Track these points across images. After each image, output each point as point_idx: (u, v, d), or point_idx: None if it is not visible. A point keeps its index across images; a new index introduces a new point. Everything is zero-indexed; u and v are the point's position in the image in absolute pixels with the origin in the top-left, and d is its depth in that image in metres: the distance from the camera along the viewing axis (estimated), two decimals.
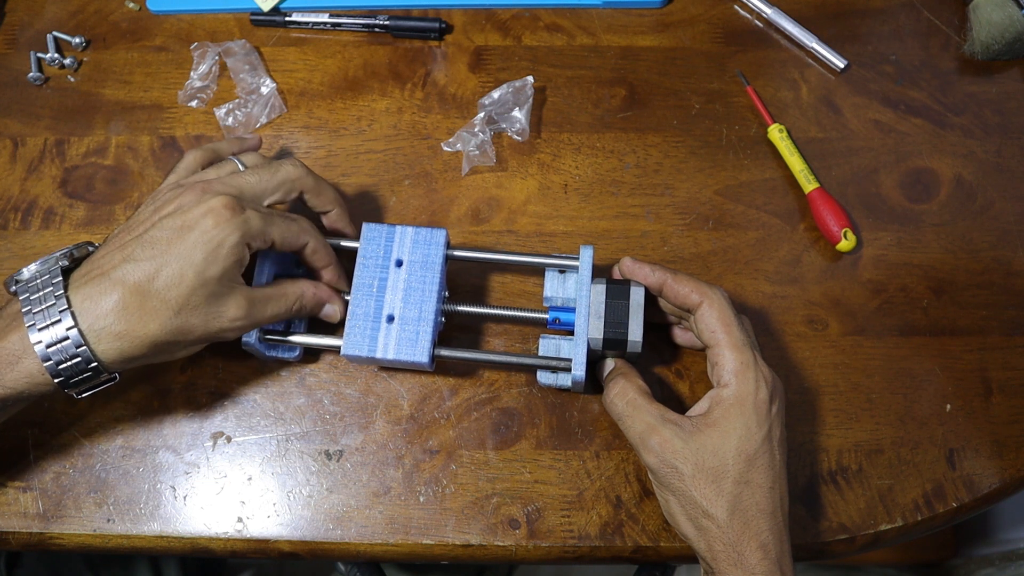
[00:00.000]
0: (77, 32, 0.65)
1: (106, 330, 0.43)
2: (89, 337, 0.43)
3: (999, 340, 0.56)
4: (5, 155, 0.61)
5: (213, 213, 0.44)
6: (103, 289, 0.43)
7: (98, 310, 0.43)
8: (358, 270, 0.51)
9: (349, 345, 0.50)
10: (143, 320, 0.43)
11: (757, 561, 0.43)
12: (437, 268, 0.51)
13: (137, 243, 0.44)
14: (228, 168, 0.50)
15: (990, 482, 0.53)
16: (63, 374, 0.43)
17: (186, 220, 0.44)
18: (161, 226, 0.45)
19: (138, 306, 0.43)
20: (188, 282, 0.44)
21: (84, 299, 0.43)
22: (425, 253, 0.51)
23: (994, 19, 0.62)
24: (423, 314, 0.50)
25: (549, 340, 0.52)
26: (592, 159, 0.61)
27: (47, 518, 0.51)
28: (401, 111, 0.63)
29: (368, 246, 0.52)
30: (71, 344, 0.42)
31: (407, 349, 0.49)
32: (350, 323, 0.50)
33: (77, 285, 0.44)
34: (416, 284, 0.51)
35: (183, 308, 0.44)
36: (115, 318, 0.43)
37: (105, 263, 0.44)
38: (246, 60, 0.63)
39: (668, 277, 0.49)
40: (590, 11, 0.66)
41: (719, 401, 0.46)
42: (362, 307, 0.50)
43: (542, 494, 0.52)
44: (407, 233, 0.52)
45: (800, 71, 0.64)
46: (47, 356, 0.43)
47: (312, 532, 0.51)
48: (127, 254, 0.44)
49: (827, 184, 0.60)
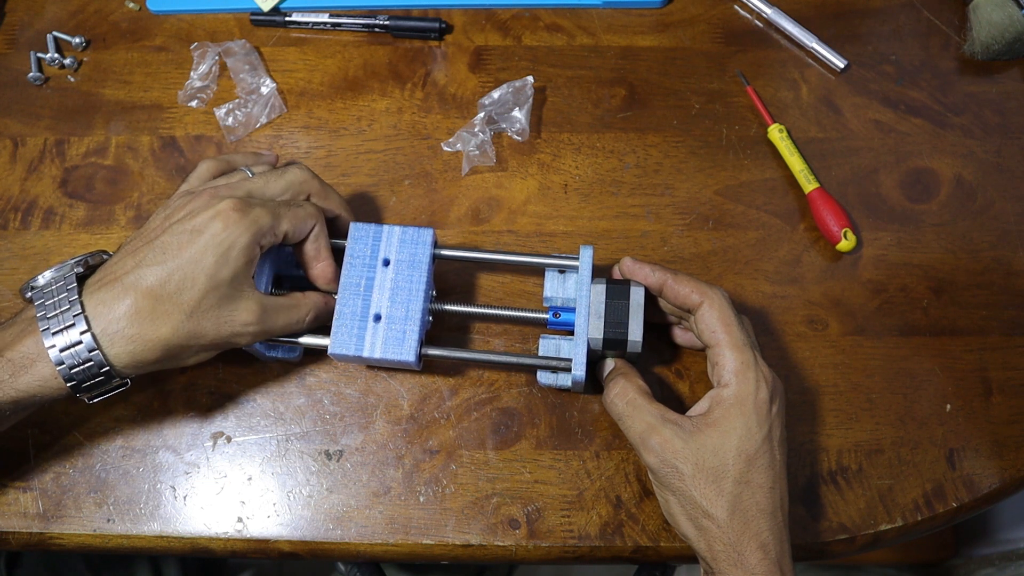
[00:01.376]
0: (77, 32, 0.65)
1: (119, 334, 0.43)
2: (102, 341, 0.43)
3: (999, 340, 0.56)
4: (5, 155, 0.61)
5: (222, 216, 0.45)
6: (116, 294, 0.44)
7: (111, 314, 0.43)
8: (345, 269, 0.51)
9: (336, 344, 0.50)
10: (155, 323, 0.44)
11: (757, 561, 0.43)
12: (424, 267, 0.51)
13: (149, 249, 0.45)
14: (238, 178, 0.51)
15: (990, 482, 0.53)
16: (76, 378, 0.44)
17: (196, 224, 0.45)
18: (172, 231, 0.45)
19: (150, 310, 0.44)
20: (200, 285, 0.44)
21: (98, 304, 0.44)
22: (412, 252, 0.51)
23: (994, 19, 0.62)
24: (410, 313, 0.50)
25: (549, 340, 0.52)
26: (592, 159, 0.61)
27: (47, 518, 0.51)
28: (401, 111, 0.63)
29: (355, 245, 0.52)
30: (84, 348, 0.43)
31: (394, 348, 0.49)
32: (337, 322, 0.50)
33: (91, 291, 0.44)
34: (403, 283, 0.51)
35: (195, 311, 0.44)
36: (128, 322, 0.43)
37: (118, 269, 0.45)
38: (246, 60, 0.63)
39: (668, 277, 0.49)
40: (590, 11, 0.66)
41: (719, 401, 0.46)
42: (349, 306, 0.50)
43: (542, 494, 0.52)
44: (394, 232, 0.52)
45: (800, 71, 0.64)
46: (60, 360, 0.43)
47: (312, 532, 0.51)
48: (139, 259, 0.45)
49: (827, 184, 0.60)
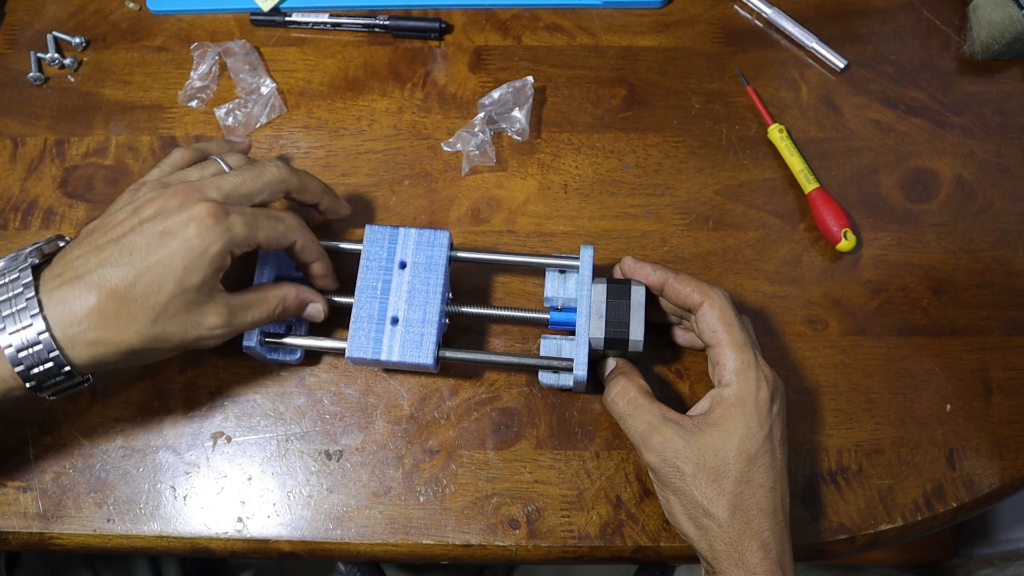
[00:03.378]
0: (77, 32, 0.65)
1: (80, 336, 0.41)
2: (63, 343, 0.41)
3: (999, 340, 0.56)
4: (5, 155, 0.61)
5: (196, 221, 0.43)
6: (77, 293, 0.41)
7: (72, 315, 0.41)
8: (361, 272, 0.51)
9: (354, 348, 0.50)
10: (119, 327, 0.42)
11: (758, 561, 0.43)
12: (441, 270, 0.51)
13: (115, 247, 0.43)
14: (212, 168, 0.49)
15: (990, 482, 0.53)
16: (35, 378, 0.42)
17: (168, 226, 0.43)
18: (141, 231, 0.43)
19: (114, 313, 0.41)
20: (167, 290, 0.42)
21: (57, 303, 0.41)
22: (429, 255, 0.51)
23: (994, 19, 0.62)
24: (427, 316, 0.50)
25: (550, 340, 0.52)
26: (592, 159, 0.61)
27: (47, 518, 0.51)
28: (401, 111, 0.63)
29: (371, 248, 0.51)
30: (43, 349, 0.41)
31: (412, 351, 0.49)
32: (354, 325, 0.50)
33: (50, 287, 0.42)
34: (420, 286, 0.50)
35: (160, 316, 0.42)
36: (90, 324, 0.41)
37: (80, 265, 0.42)
38: (246, 60, 0.63)
39: (669, 276, 0.49)
40: (590, 11, 0.66)
41: (720, 401, 0.46)
42: (366, 309, 0.50)
43: (542, 494, 0.52)
44: (410, 235, 0.52)
45: (800, 71, 0.64)
46: (18, 360, 0.41)
47: (312, 532, 0.51)
48: (104, 257, 0.42)
49: (827, 184, 0.60)
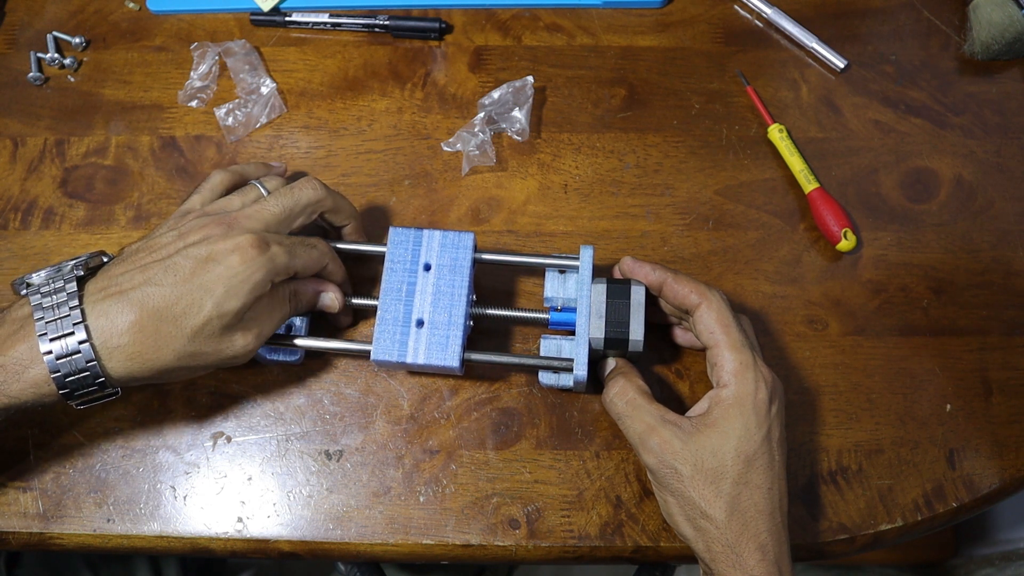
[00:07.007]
0: (77, 32, 0.65)
1: (119, 349, 0.43)
2: (101, 353, 0.43)
3: (999, 340, 0.56)
4: (5, 155, 0.61)
5: (240, 251, 0.45)
6: (120, 308, 0.43)
7: (113, 328, 0.43)
8: (386, 275, 0.51)
9: (379, 350, 0.49)
10: (157, 344, 0.43)
11: (756, 562, 0.43)
12: (466, 272, 0.50)
13: (160, 267, 0.44)
14: (252, 195, 0.50)
15: (990, 482, 0.53)
16: (69, 386, 0.43)
17: (212, 252, 0.45)
18: (186, 254, 0.45)
19: (154, 330, 0.43)
20: (205, 312, 0.44)
21: (100, 315, 0.43)
22: (453, 257, 0.51)
23: (994, 19, 0.62)
24: (453, 318, 0.50)
25: (550, 340, 0.52)
26: (592, 159, 0.61)
27: (47, 518, 0.51)
28: (401, 111, 0.63)
29: (396, 250, 0.51)
30: (81, 358, 0.42)
31: (438, 354, 0.49)
32: (379, 328, 0.50)
33: (94, 300, 0.43)
34: (445, 288, 0.50)
35: (196, 336, 0.44)
36: (129, 339, 0.43)
37: (124, 281, 0.44)
38: (246, 60, 0.63)
39: (668, 277, 0.49)
40: (590, 11, 0.66)
41: (718, 401, 0.46)
42: (391, 311, 0.50)
43: (542, 494, 0.52)
44: (435, 237, 0.51)
45: (800, 71, 0.64)
46: (56, 368, 0.42)
47: (312, 532, 0.51)
48: (148, 276, 0.44)
49: (827, 184, 0.60)
